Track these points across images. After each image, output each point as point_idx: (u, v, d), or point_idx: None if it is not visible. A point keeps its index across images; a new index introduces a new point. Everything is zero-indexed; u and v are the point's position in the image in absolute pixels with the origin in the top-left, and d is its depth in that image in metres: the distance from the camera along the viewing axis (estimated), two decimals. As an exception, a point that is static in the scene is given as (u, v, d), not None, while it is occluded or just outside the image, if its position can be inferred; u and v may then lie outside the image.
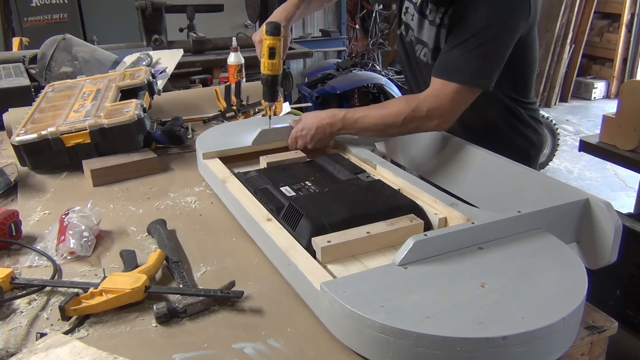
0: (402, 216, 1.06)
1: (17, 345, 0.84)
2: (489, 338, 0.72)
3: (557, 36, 6.01)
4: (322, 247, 0.96)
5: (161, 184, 1.42)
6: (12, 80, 2.07)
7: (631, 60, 6.21)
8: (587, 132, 5.35)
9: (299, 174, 1.26)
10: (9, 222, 1.13)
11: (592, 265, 1.02)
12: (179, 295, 0.93)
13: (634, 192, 3.06)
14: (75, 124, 1.48)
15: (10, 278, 0.97)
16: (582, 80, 6.49)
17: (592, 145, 2.58)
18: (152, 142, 1.62)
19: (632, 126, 2.36)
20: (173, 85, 2.58)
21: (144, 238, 1.16)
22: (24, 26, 4.31)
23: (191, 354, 0.82)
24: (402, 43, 1.56)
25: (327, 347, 0.82)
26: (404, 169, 1.31)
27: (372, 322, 0.75)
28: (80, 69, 2.24)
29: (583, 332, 0.86)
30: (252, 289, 0.96)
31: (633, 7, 6.03)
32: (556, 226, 0.99)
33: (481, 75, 1.26)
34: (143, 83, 1.74)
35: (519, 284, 0.84)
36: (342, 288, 0.82)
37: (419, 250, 0.88)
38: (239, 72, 2.27)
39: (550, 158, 4.62)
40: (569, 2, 5.94)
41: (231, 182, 1.23)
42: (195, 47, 3.35)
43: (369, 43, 5.17)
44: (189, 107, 1.98)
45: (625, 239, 1.01)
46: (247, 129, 1.49)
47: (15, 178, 1.43)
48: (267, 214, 1.09)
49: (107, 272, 1.00)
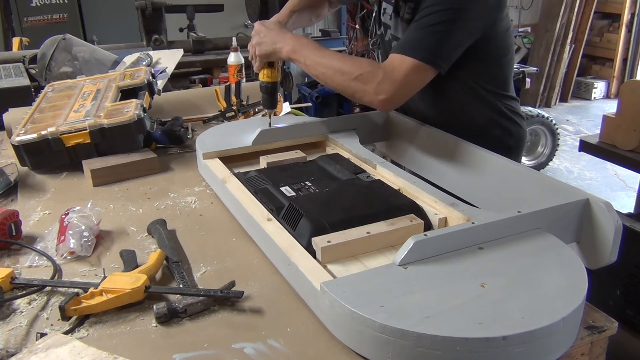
0: (402, 216, 1.06)
1: (17, 345, 0.84)
2: (489, 338, 0.72)
3: (557, 36, 6.01)
4: (322, 247, 0.96)
5: (161, 184, 1.42)
6: (12, 80, 2.08)
7: (631, 60, 6.21)
8: (587, 132, 5.36)
9: (299, 174, 1.26)
10: (9, 222, 1.13)
11: (592, 265, 1.02)
12: (179, 295, 0.93)
13: (634, 192, 3.07)
14: (75, 124, 1.48)
15: (10, 278, 0.97)
16: (582, 80, 6.50)
17: (592, 145, 2.58)
18: (152, 142, 1.62)
19: (632, 126, 2.37)
20: (173, 85, 2.58)
21: (144, 238, 1.16)
22: (24, 26, 4.32)
23: (191, 354, 0.82)
24: (382, 44, 1.59)
25: (327, 347, 0.82)
26: (404, 169, 1.32)
27: (372, 322, 0.75)
28: (80, 69, 2.24)
29: (583, 332, 0.86)
30: (252, 289, 0.96)
31: (633, 7, 6.04)
32: (556, 226, 0.99)
33: (436, 54, 1.24)
34: (143, 83, 1.74)
35: (519, 284, 0.83)
36: (342, 288, 0.82)
37: (419, 250, 0.88)
38: (239, 72, 2.28)
39: (550, 158, 4.62)
40: (569, 2, 5.94)
41: (231, 182, 1.23)
42: (195, 47, 3.35)
43: (369, 43, 5.17)
44: (189, 107, 1.98)
45: (625, 239, 1.01)
46: (247, 128, 1.49)
47: (15, 178, 1.43)
48: (267, 213, 1.09)
49: (107, 272, 1.00)
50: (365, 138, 1.50)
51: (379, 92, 1.24)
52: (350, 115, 1.57)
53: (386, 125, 1.57)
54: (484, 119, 1.48)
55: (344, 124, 1.52)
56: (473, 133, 1.38)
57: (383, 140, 1.60)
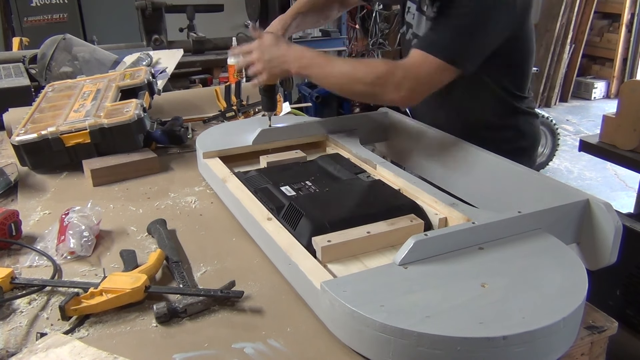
0: (402, 216, 1.06)
1: (17, 345, 0.84)
2: (490, 338, 0.72)
3: (557, 36, 6.01)
4: (322, 246, 0.96)
5: (161, 184, 1.42)
6: (12, 80, 2.07)
7: (631, 60, 6.21)
8: (587, 132, 5.36)
9: (299, 174, 1.26)
10: (9, 222, 1.13)
11: (592, 266, 1.02)
12: (179, 295, 0.93)
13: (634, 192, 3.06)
14: (75, 124, 1.48)
15: (11, 278, 0.97)
16: (582, 80, 6.50)
17: (592, 145, 2.58)
18: (152, 142, 1.62)
19: (632, 126, 2.37)
20: (173, 85, 2.58)
21: (144, 238, 1.16)
22: (24, 26, 4.32)
23: (191, 353, 0.82)
24: (403, 42, 1.57)
25: (328, 347, 0.82)
26: (404, 169, 1.32)
27: (372, 322, 0.75)
28: (81, 69, 2.24)
29: (583, 332, 0.86)
30: (252, 289, 0.96)
31: (633, 7, 6.04)
32: (556, 227, 0.99)
33: (463, 55, 1.23)
34: (143, 83, 1.74)
35: (519, 284, 0.83)
36: (342, 287, 0.82)
37: (420, 250, 0.88)
38: (239, 72, 2.28)
39: (550, 158, 4.62)
40: (569, 2, 5.94)
41: (231, 182, 1.23)
42: (195, 47, 3.35)
43: (369, 43, 5.17)
44: (189, 107, 1.98)
45: (625, 239, 1.01)
46: (248, 128, 1.49)
47: (15, 178, 1.43)
48: (267, 213, 1.09)
49: (107, 272, 1.00)
50: (366, 138, 1.50)
51: (399, 89, 1.23)
52: (350, 116, 1.57)
53: (386, 125, 1.57)
54: (499, 119, 1.46)
55: (344, 124, 1.52)
56: (485, 133, 1.36)
57: (383, 140, 1.60)
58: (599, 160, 3.12)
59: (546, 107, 6.16)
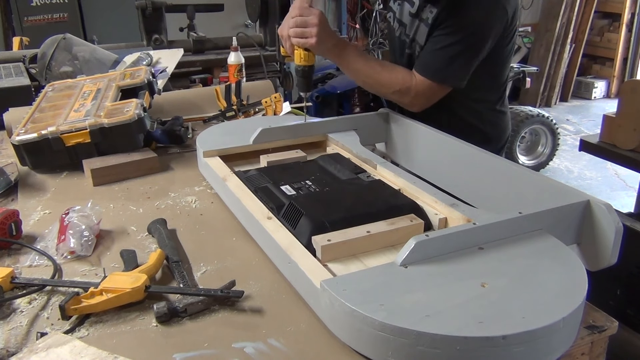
0: (402, 216, 1.06)
1: (18, 345, 0.84)
2: (489, 337, 0.72)
3: (558, 36, 6.01)
4: (322, 245, 0.96)
5: (161, 184, 1.42)
6: (12, 79, 2.07)
7: (631, 60, 6.21)
8: (587, 131, 5.36)
9: (299, 173, 1.26)
10: (9, 221, 1.13)
11: (592, 267, 1.02)
12: (179, 294, 0.93)
13: (634, 192, 3.07)
14: (76, 124, 1.48)
15: (11, 277, 0.97)
16: (583, 80, 6.50)
17: (592, 144, 2.58)
18: (153, 142, 1.62)
19: (633, 126, 2.37)
20: (173, 84, 2.58)
21: (144, 237, 1.16)
22: (24, 26, 4.31)
23: (191, 353, 0.82)
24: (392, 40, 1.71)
25: (328, 346, 0.82)
26: (404, 169, 1.32)
27: (372, 321, 0.75)
28: (81, 68, 2.23)
29: (583, 331, 0.86)
30: (253, 289, 0.96)
31: (633, 7, 6.04)
32: (557, 227, 0.98)
33: (455, 76, 1.46)
34: (143, 82, 1.74)
35: (519, 284, 0.83)
36: (342, 286, 0.82)
37: (421, 250, 0.88)
38: (239, 72, 2.28)
39: (551, 158, 4.62)
40: (569, 2, 5.94)
41: (231, 181, 1.23)
42: (195, 47, 3.35)
43: (369, 43, 5.18)
44: (189, 106, 1.98)
45: (626, 239, 1.01)
46: (248, 127, 1.49)
47: (15, 178, 1.43)
48: (267, 212, 1.09)
49: (108, 271, 1.00)
50: (366, 138, 1.50)
51: (413, 104, 1.52)
52: (351, 116, 1.57)
53: (386, 125, 1.57)
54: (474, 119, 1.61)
55: (344, 124, 1.52)
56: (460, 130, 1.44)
57: (383, 140, 1.60)
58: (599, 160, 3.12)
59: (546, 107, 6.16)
